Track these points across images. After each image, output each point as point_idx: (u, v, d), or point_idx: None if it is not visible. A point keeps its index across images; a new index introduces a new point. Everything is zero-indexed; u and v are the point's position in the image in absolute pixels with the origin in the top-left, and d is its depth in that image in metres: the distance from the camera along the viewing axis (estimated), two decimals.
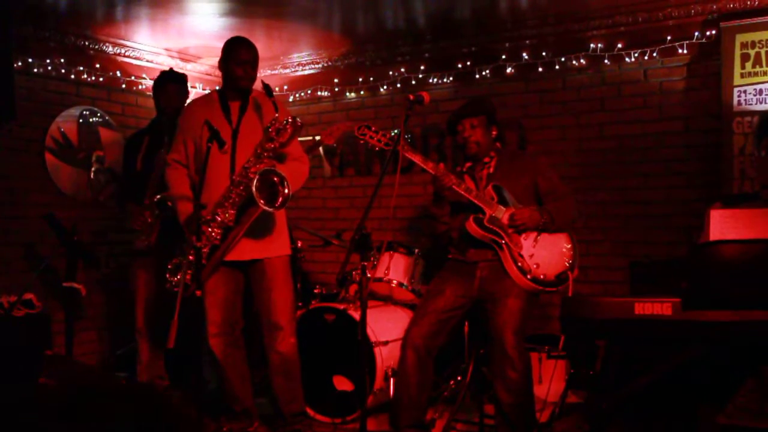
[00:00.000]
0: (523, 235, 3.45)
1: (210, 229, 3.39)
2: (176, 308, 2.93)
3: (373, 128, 3.52)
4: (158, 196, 4.08)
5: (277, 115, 3.39)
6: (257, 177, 3.27)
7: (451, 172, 3.50)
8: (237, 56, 3.52)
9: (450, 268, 3.61)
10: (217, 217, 3.40)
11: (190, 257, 3.35)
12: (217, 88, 3.73)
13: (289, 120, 3.39)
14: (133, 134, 4.63)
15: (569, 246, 3.49)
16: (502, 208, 3.45)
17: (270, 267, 3.57)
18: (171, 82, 4.35)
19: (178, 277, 3.42)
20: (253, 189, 3.25)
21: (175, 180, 3.60)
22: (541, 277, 3.38)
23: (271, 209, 3.31)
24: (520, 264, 3.39)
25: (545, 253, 3.43)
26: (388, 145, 3.47)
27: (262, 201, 3.27)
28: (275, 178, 3.29)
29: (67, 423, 2.04)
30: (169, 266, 3.48)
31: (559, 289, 3.45)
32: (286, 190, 3.28)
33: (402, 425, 3.42)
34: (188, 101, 4.26)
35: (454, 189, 3.43)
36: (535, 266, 3.39)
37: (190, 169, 3.58)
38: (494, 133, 3.61)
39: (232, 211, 3.39)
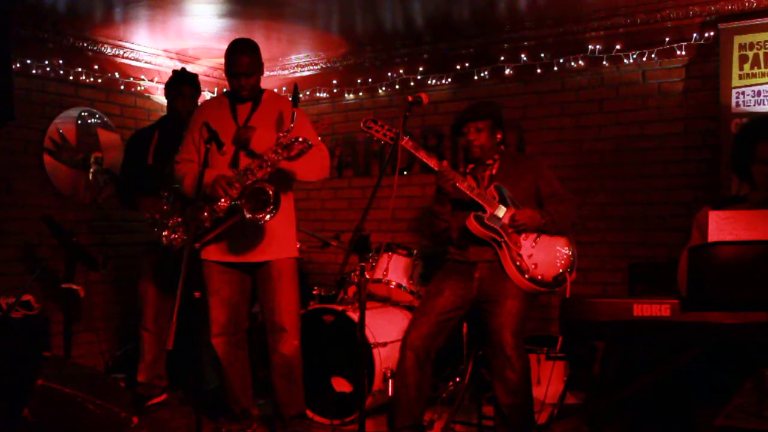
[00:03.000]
0: (523, 236, 3.45)
1: (205, 213, 3.40)
2: (175, 309, 2.92)
3: (379, 122, 3.52)
4: (176, 186, 4.04)
5: (292, 125, 3.34)
6: (250, 191, 3.29)
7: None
8: (231, 68, 3.51)
9: (449, 269, 3.61)
10: (219, 204, 3.39)
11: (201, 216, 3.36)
12: (225, 90, 3.73)
13: (299, 139, 3.32)
14: (139, 130, 4.60)
15: (568, 248, 3.49)
16: (503, 207, 3.46)
17: (276, 269, 3.57)
18: (186, 84, 4.32)
19: (176, 235, 3.43)
20: (245, 213, 3.27)
21: (184, 171, 3.56)
22: (539, 277, 3.39)
23: (257, 217, 3.29)
24: (518, 263, 3.39)
25: (544, 255, 3.43)
26: (393, 139, 3.46)
27: (247, 211, 3.29)
28: (270, 191, 3.28)
29: None
30: (171, 222, 3.46)
31: (556, 291, 3.45)
32: (268, 216, 3.28)
33: (398, 427, 3.42)
34: (200, 101, 4.27)
35: (457, 186, 3.44)
36: (533, 266, 3.39)
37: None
38: (499, 136, 3.62)
39: (225, 204, 3.37)
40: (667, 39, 4.63)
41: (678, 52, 4.61)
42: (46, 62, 4.93)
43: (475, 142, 3.56)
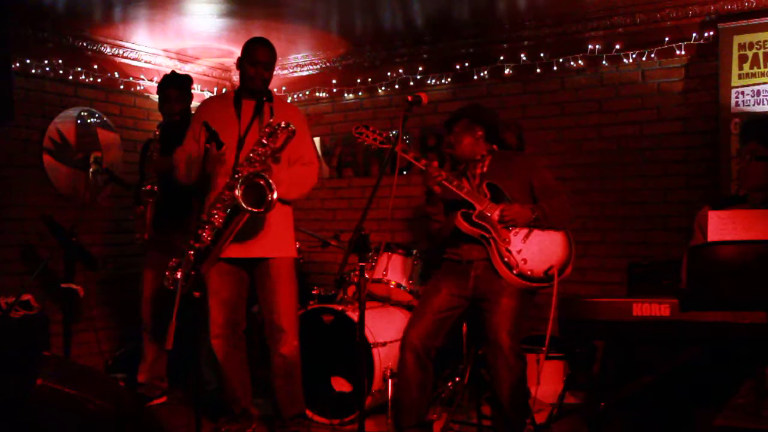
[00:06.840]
0: (513, 231, 3.42)
1: (203, 232, 3.38)
2: (174, 309, 2.92)
3: (370, 128, 3.54)
4: (147, 187, 4.12)
5: (271, 120, 3.39)
6: (240, 182, 3.26)
7: (447, 171, 3.51)
8: (251, 56, 3.53)
9: (446, 269, 3.60)
10: (212, 218, 3.38)
11: (190, 255, 3.33)
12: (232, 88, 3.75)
13: (281, 125, 3.36)
14: (146, 141, 4.65)
15: (563, 243, 3.45)
16: (493, 204, 3.45)
17: (274, 268, 3.57)
18: (171, 86, 4.35)
19: (177, 275, 3.42)
20: (237, 194, 3.24)
21: (178, 158, 3.57)
22: (528, 273, 3.36)
23: (256, 211, 3.28)
24: (506, 259, 3.37)
25: (535, 249, 3.40)
26: (383, 144, 3.50)
27: (247, 205, 3.26)
28: (261, 182, 3.28)
29: None
30: (170, 265, 3.48)
31: (549, 285, 3.41)
32: (272, 195, 3.24)
33: (404, 426, 3.43)
34: (202, 100, 4.28)
35: (444, 184, 3.43)
36: (522, 261, 3.37)
37: None
38: (479, 133, 3.60)
39: (222, 214, 3.37)
40: (666, 39, 4.63)
41: (677, 52, 4.61)
42: (46, 62, 4.93)
43: (455, 143, 3.59)
